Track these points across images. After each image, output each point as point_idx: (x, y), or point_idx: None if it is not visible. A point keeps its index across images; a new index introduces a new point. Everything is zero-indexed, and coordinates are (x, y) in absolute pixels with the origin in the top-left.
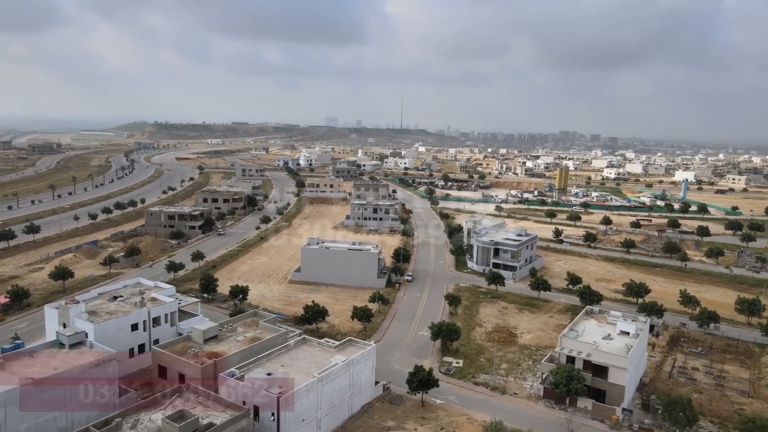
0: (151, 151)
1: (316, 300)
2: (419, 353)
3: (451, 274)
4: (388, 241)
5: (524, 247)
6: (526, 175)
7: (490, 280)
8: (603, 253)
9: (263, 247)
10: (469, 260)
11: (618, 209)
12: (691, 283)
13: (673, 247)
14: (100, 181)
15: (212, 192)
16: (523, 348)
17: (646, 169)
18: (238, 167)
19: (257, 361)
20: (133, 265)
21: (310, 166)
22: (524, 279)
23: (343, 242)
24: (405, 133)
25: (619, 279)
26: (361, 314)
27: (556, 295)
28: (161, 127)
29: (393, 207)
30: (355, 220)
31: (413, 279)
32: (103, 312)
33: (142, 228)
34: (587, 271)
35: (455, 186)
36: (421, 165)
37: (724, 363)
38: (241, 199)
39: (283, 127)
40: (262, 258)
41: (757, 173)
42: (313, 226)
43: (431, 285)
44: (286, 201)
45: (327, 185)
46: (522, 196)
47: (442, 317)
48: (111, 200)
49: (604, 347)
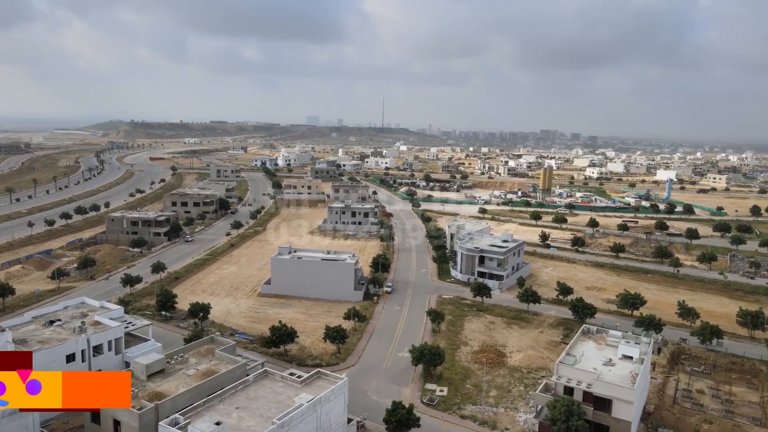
0: (124, 150)
1: (287, 316)
2: (399, 379)
3: (433, 284)
4: (367, 247)
5: (511, 254)
6: (509, 174)
7: (476, 291)
8: (592, 259)
9: (233, 255)
10: (452, 268)
11: (603, 210)
12: (685, 291)
13: (665, 252)
14: (64, 183)
15: (182, 195)
16: (513, 370)
17: (627, 168)
18: (213, 168)
19: (208, 403)
20: (86, 277)
21: (289, 166)
22: (511, 288)
23: (316, 251)
24: (386, 132)
25: (610, 287)
26: (334, 335)
27: (546, 307)
28: (137, 126)
29: (372, 210)
30: (333, 225)
31: (393, 290)
32: (35, 340)
33: (103, 235)
34: (576, 279)
35: (437, 186)
36: (403, 165)
37: (731, 384)
38: (213, 203)
39: (262, 126)
40: (231, 267)
41: (736, 172)
42: (288, 231)
43: (412, 297)
44: (261, 203)
45: (305, 186)
46: (505, 196)
47: (424, 335)
48: (73, 204)
49: (606, 376)
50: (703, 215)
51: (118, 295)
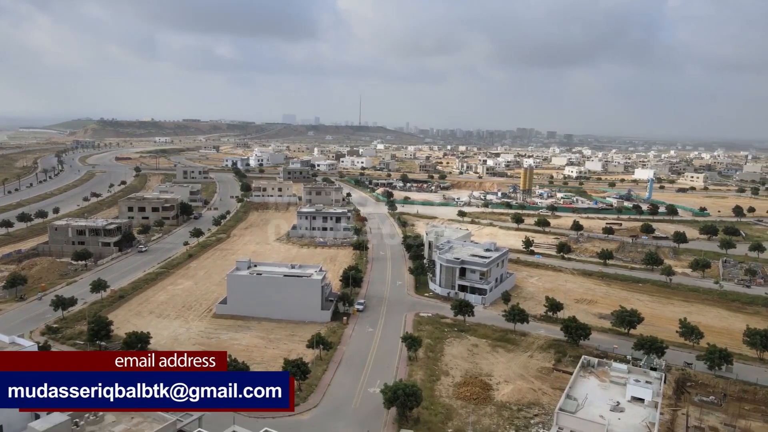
0: (90, 150)
1: (243, 342)
2: (369, 423)
3: (410, 299)
4: (338, 256)
5: (495, 264)
6: (487, 174)
7: (457, 309)
8: (579, 266)
9: (190, 267)
10: (431, 281)
11: (585, 211)
12: (680, 302)
13: (655, 259)
14: (15, 186)
15: (139, 199)
16: (501, 408)
17: (605, 167)
18: (179, 169)
19: None
20: (16, 298)
21: (261, 166)
22: (496, 303)
23: (279, 265)
24: (364, 131)
25: (600, 299)
26: (294, 370)
27: (535, 326)
28: (106, 124)
29: (345, 215)
30: (302, 231)
31: (365, 308)
32: None
33: (46, 246)
34: (564, 290)
35: (414, 187)
36: (379, 164)
37: (745, 417)
38: (174, 207)
39: (237, 125)
40: (186, 283)
41: (711, 170)
42: (254, 238)
43: (387, 315)
44: (229, 207)
45: (275, 189)
46: (485, 198)
47: (399, 364)
48: (19, 209)
49: (616, 427)
50: (685, 216)
51: (48, 321)
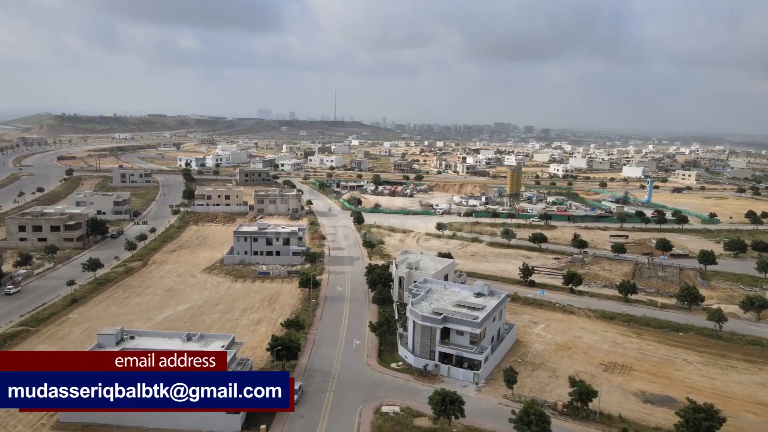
0: (35, 147)
1: None
2: None
3: (369, 376)
4: (281, 294)
5: (491, 319)
6: (468, 173)
7: (439, 406)
8: (594, 304)
9: (68, 321)
10: (401, 344)
11: (583, 220)
12: (741, 362)
13: (694, 294)
14: None
15: (35, 216)
16: None
17: (590, 164)
18: (116, 172)
19: None
20: None
21: (218, 166)
22: (493, 381)
23: (168, 334)
24: (339, 126)
25: (635, 363)
26: None
27: (559, 427)
28: (64, 119)
29: (296, 235)
30: (240, 257)
31: (302, 393)
32: None
33: None
34: (583, 346)
35: (387, 191)
36: (351, 163)
37: None
38: (80, 225)
39: (206, 120)
40: (53, 348)
41: (698, 166)
42: (177, 268)
43: (331, 411)
44: (164, 220)
45: (221, 197)
46: (468, 203)
47: None
48: None
49: None
50: (695, 223)
51: None
